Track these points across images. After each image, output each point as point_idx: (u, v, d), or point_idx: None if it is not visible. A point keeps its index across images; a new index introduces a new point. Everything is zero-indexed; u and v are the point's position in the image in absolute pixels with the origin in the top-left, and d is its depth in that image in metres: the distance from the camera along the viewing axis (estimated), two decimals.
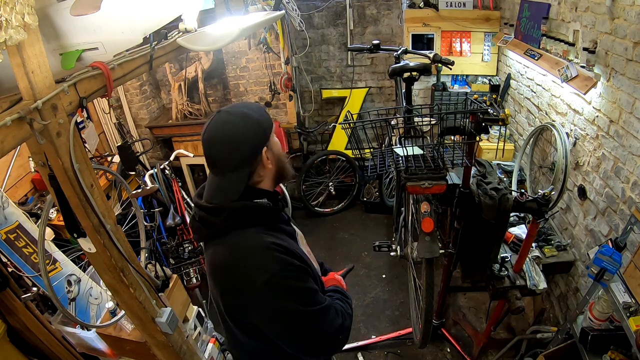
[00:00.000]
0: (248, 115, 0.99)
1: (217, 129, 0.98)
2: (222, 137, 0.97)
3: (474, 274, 2.00)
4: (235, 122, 0.98)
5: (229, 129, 0.97)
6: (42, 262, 1.51)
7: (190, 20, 1.47)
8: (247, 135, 0.97)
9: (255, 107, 1.04)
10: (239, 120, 0.98)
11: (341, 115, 4.02)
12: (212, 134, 0.98)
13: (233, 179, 0.99)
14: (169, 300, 1.78)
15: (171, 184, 3.19)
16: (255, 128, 0.99)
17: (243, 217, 0.98)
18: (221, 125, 0.99)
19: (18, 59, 0.89)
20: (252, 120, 0.99)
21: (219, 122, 0.99)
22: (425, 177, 1.51)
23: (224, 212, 0.97)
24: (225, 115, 0.99)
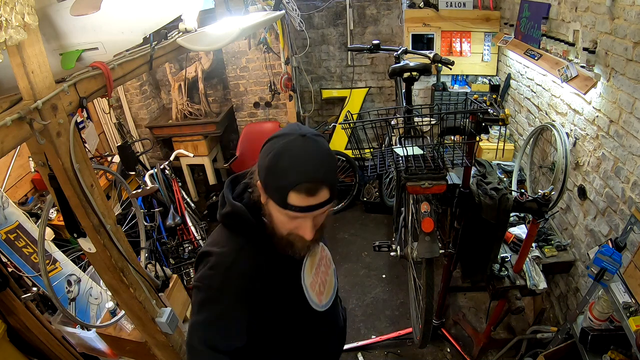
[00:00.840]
0: (279, 156, 0.84)
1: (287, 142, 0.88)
2: (268, 145, 0.90)
3: (474, 274, 2.00)
4: (280, 140, 0.86)
5: (274, 145, 0.87)
6: (42, 262, 1.51)
7: (190, 20, 1.47)
8: (263, 153, 0.88)
9: (290, 170, 0.83)
10: (280, 143, 0.85)
11: (341, 115, 4.02)
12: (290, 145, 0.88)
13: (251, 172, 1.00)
14: (169, 300, 1.79)
15: (171, 184, 3.20)
16: (265, 162, 0.86)
17: (233, 220, 0.96)
18: (290, 132, 0.89)
19: (18, 59, 0.89)
20: (272, 155, 0.84)
21: (293, 130, 0.89)
22: (425, 177, 1.51)
23: (226, 207, 0.97)
24: (298, 131, 0.87)
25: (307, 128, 0.89)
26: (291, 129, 0.88)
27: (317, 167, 0.83)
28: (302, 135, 0.84)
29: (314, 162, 0.83)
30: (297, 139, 0.84)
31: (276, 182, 0.84)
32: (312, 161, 0.83)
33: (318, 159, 0.84)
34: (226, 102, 4.32)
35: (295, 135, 0.84)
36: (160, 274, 2.17)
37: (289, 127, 0.90)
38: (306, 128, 0.89)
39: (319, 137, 0.88)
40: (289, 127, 0.90)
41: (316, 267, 1.05)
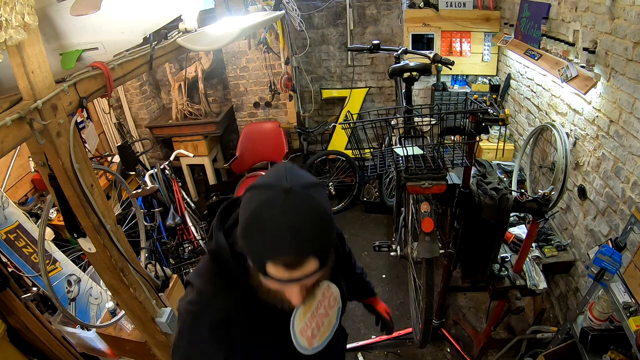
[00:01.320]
0: (257, 215, 0.69)
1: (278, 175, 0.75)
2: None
3: (474, 274, 2.00)
4: (264, 195, 0.71)
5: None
6: (42, 262, 1.51)
7: (190, 20, 1.47)
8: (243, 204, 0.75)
9: (270, 231, 0.69)
10: (262, 197, 0.70)
11: (341, 115, 4.02)
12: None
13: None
14: (169, 300, 1.78)
15: (171, 184, 3.19)
16: (240, 218, 0.74)
17: (216, 257, 0.86)
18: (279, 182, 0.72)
19: (18, 59, 0.89)
20: (248, 214, 0.71)
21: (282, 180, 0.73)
22: (425, 177, 1.51)
23: (210, 243, 0.87)
24: (285, 189, 0.70)
25: (297, 175, 0.72)
26: (276, 177, 0.71)
27: (300, 238, 0.67)
28: (287, 191, 0.67)
29: (296, 231, 0.67)
30: (279, 196, 0.67)
31: (251, 249, 0.71)
32: (293, 230, 0.67)
33: (302, 226, 0.67)
34: (226, 102, 4.32)
35: (277, 189, 0.68)
36: (160, 274, 2.17)
37: (275, 174, 0.73)
38: (295, 175, 0.72)
39: (310, 189, 0.71)
40: (275, 174, 0.73)
41: (312, 311, 0.89)
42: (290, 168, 0.74)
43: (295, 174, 0.72)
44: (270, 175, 0.73)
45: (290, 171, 0.72)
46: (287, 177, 0.70)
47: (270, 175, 0.73)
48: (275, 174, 0.73)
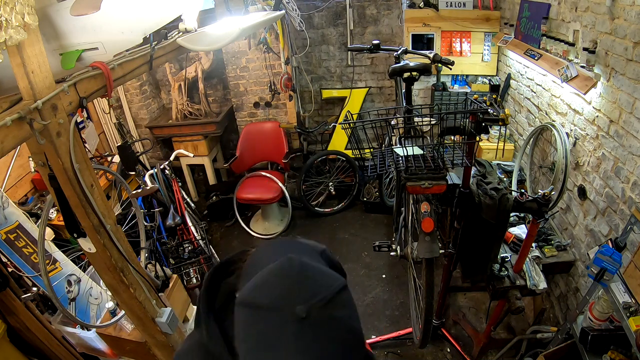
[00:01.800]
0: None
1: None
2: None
3: (474, 274, 2.00)
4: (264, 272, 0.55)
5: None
6: (42, 262, 1.50)
7: (190, 20, 1.47)
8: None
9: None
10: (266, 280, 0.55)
11: (341, 115, 4.02)
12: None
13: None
14: (169, 300, 1.78)
15: (171, 184, 3.19)
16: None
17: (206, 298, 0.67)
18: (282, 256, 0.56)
19: (18, 59, 0.89)
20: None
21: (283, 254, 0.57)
22: (425, 177, 1.51)
23: (201, 331, 0.66)
24: (290, 262, 0.55)
25: (312, 283, 0.53)
26: (283, 291, 0.52)
27: None
28: (300, 321, 0.48)
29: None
30: (290, 329, 0.48)
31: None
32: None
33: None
34: (226, 102, 4.32)
35: (286, 316, 0.49)
36: (160, 274, 2.17)
37: (280, 285, 0.52)
38: (310, 285, 0.53)
39: (331, 306, 0.51)
40: (280, 285, 0.52)
41: None
42: (300, 271, 0.53)
43: (309, 283, 0.53)
44: (275, 287, 0.52)
45: (302, 280, 0.52)
46: (298, 289, 0.51)
47: (275, 287, 0.52)
48: (281, 284, 0.52)
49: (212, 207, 4.02)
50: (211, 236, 3.80)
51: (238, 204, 3.75)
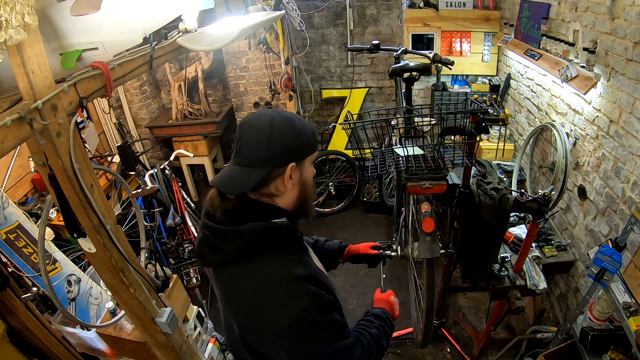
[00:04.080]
0: (293, 123, 0.91)
1: (258, 118, 0.90)
2: (259, 127, 0.89)
3: (474, 274, 2.00)
4: (278, 121, 0.89)
5: (269, 123, 0.88)
6: (42, 262, 1.50)
7: (190, 20, 1.47)
8: (282, 138, 0.88)
9: (307, 125, 0.95)
10: (282, 122, 0.90)
11: (341, 115, 4.02)
12: (252, 120, 0.91)
13: (247, 174, 0.88)
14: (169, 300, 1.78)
15: (171, 184, 3.19)
16: (293, 138, 0.90)
17: (263, 241, 0.88)
18: (264, 117, 0.90)
19: (18, 59, 0.88)
20: (293, 129, 0.90)
21: (264, 115, 0.91)
22: (426, 177, 1.51)
23: (242, 236, 0.87)
24: (272, 112, 0.91)
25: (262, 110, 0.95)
26: (261, 112, 0.93)
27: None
28: (271, 112, 0.93)
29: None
30: (273, 113, 0.91)
31: (308, 137, 0.93)
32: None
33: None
34: (226, 102, 4.32)
35: (267, 112, 0.92)
36: (160, 274, 2.17)
37: (258, 114, 0.94)
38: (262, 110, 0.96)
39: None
40: (258, 114, 0.94)
41: (313, 253, 1.11)
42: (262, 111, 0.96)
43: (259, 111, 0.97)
44: (256, 115, 0.95)
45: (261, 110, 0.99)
46: (264, 110, 1.00)
47: (256, 115, 0.95)
48: (258, 114, 0.95)
49: None
50: None
51: None
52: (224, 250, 0.90)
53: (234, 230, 0.88)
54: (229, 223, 0.90)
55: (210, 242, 0.91)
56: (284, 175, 0.90)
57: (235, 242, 0.87)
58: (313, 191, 0.99)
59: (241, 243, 0.87)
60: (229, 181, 0.90)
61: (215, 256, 0.92)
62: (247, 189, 0.90)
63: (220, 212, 0.92)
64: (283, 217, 0.94)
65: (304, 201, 0.96)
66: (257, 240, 0.87)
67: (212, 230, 0.91)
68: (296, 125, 0.91)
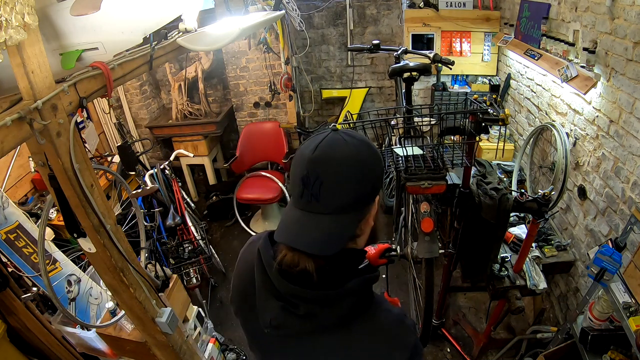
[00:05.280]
0: (372, 146, 0.73)
1: (337, 149, 0.68)
2: (346, 160, 0.68)
3: (474, 274, 2.00)
4: (362, 149, 0.70)
5: (355, 153, 0.69)
6: (42, 262, 1.50)
7: (190, 20, 1.47)
8: (374, 165, 0.71)
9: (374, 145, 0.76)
10: (364, 147, 0.70)
11: (341, 116, 4.02)
12: (329, 152, 0.68)
13: (341, 224, 0.68)
14: (169, 300, 1.78)
15: (171, 184, 3.19)
16: (379, 162, 0.73)
17: (369, 294, 0.76)
18: (343, 146, 0.68)
19: (18, 59, 0.88)
20: (376, 153, 0.73)
21: (339, 142, 0.69)
22: (425, 177, 1.51)
23: (349, 298, 0.71)
24: (345, 136, 0.70)
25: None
26: (331, 139, 0.71)
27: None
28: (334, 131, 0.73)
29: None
30: (348, 139, 0.71)
31: (381, 162, 0.76)
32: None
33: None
34: (226, 102, 4.32)
35: (340, 138, 0.72)
36: (160, 274, 2.17)
37: (326, 137, 0.71)
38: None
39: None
40: (326, 137, 0.71)
41: None
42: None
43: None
44: (324, 140, 0.72)
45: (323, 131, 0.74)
46: (327, 130, 0.74)
47: (324, 140, 0.72)
48: (326, 137, 0.73)
49: (212, 207, 4.02)
50: (211, 236, 3.80)
51: (238, 204, 3.75)
52: (322, 318, 0.72)
53: (337, 293, 0.71)
54: (323, 288, 0.71)
55: (304, 311, 0.71)
56: (370, 212, 0.74)
57: (341, 305, 0.72)
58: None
59: (348, 305, 0.72)
60: (318, 240, 0.67)
61: (306, 324, 0.73)
62: (347, 243, 0.72)
63: (308, 276, 0.70)
64: (363, 258, 0.81)
65: (377, 231, 0.82)
66: (363, 298, 0.74)
67: (307, 299, 0.71)
68: (372, 144, 0.73)
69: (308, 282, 0.70)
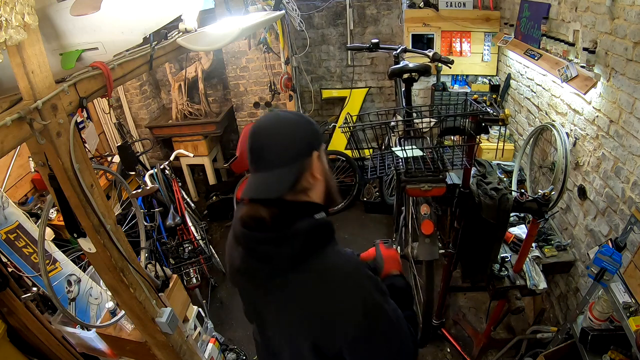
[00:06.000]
0: (301, 115, 0.97)
1: (271, 121, 0.91)
2: (277, 127, 0.90)
3: (474, 274, 2.00)
4: (291, 117, 0.93)
5: (285, 121, 0.91)
6: (42, 262, 1.50)
7: (190, 20, 1.47)
8: (302, 129, 0.91)
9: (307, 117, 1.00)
10: (294, 116, 0.93)
11: (341, 116, 4.02)
12: (263, 124, 0.90)
13: (281, 175, 0.85)
14: (169, 300, 1.78)
15: (171, 184, 3.19)
16: (310, 126, 0.93)
17: (316, 238, 0.86)
18: (275, 118, 0.92)
19: (18, 59, 0.88)
20: (307, 120, 0.94)
21: (273, 116, 0.94)
22: (425, 179, 1.51)
23: (297, 237, 0.84)
24: (279, 112, 0.95)
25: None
26: (265, 117, 0.95)
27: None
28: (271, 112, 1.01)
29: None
30: (278, 113, 0.96)
31: (317, 125, 0.96)
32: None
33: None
34: (226, 102, 4.32)
35: (271, 114, 0.96)
36: (160, 274, 2.17)
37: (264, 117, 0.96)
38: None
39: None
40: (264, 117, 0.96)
41: None
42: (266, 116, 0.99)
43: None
44: (262, 119, 0.97)
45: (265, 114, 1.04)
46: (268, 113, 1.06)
47: (262, 119, 0.97)
48: (264, 117, 0.98)
49: (212, 207, 4.02)
50: (211, 236, 3.80)
51: (238, 204, 3.74)
52: (277, 258, 0.85)
53: (286, 234, 0.84)
54: (275, 230, 0.85)
55: (260, 253, 0.87)
56: (312, 165, 0.91)
57: (291, 244, 0.84)
58: (333, 178, 1.00)
59: (298, 244, 0.84)
60: (264, 188, 0.86)
61: (266, 268, 0.87)
62: (287, 188, 0.86)
63: (262, 222, 0.86)
64: (321, 211, 0.93)
65: (331, 189, 0.98)
66: (312, 238, 0.85)
67: (261, 240, 0.86)
68: (304, 116, 0.97)
69: (264, 229, 0.86)
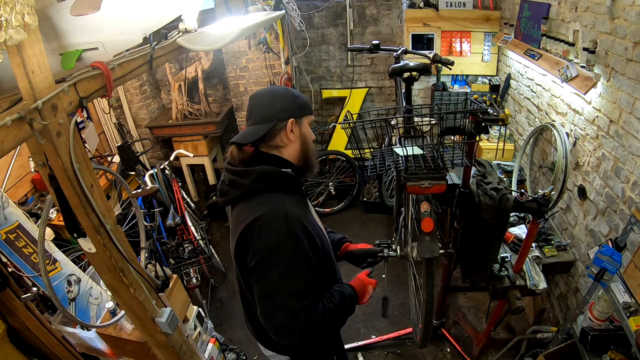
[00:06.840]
0: (290, 90, 1.22)
1: (265, 90, 1.24)
2: (264, 93, 1.21)
3: (474, 274, 2.00)
4: (278, 89, 1.23)
5: (272, 91, 1.22)
6: (42, 262, 1.50)
7: (190, 20, 1.47)
8: (281, 98, 1.17)
9: (302, 94, 1.25)
10: (281, 89, 1.23)
11: (341, 115, 4.02)
12: (259, 91, 1.23)
13: (257, 128, 1.15)
14: (169, 300, 1.78)
15: (171, 184, 3.20)
16: (290, 99, 1.18)
17: (269, 180, 1.12)
18: (268, 87, 1.29)
19: (18, 59, 0.88)
20: (291, 93, 1.20)
21: (269, 87, 1.29)
22: (425, 177, 1.51)
23: (253, 174, 1.12)
24: (274, 85, 1.13)
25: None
26: (266, 87, 1.28)
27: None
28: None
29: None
30: (275, 85, 1.22)
31: (303, 100, 1.22)
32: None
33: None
34: (226, 102, 4.32)
35: (271, 86, 1.23)
36: (160, 274, 2.17)
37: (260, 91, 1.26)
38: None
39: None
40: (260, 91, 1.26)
41: (315, 214, 1.34)
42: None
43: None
44: (259, 92, 1.29)
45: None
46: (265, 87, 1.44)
47: (259, 92, 1.29)
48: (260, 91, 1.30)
49: (212, 207, 4.02)
50: (211, 236, 3.80)
51: None
52: (239, 186, 1.14)
53: (248, 170, 1.14)
54: (242, 167, 1.16)
55: (229, 180, 1.17)
56: (286, 128, 1.16)
57: (249, 178, 1.12)
58: (315, 151, 1.24)
59: (253, 178, 1.11)
60: (243, 136, 1.17)
61: (232, 191, 1.17)
62: (256, 138, 1.14)
63: (238, 161, 1.18)
64: (289, 167, 1.17)
65: (307, 154, 1.22)
66: (264, 178, 1.12)
67: (232, 171, 1.17)
68: (293, 91, 1.23)
69: (236, 165, 1.19)
